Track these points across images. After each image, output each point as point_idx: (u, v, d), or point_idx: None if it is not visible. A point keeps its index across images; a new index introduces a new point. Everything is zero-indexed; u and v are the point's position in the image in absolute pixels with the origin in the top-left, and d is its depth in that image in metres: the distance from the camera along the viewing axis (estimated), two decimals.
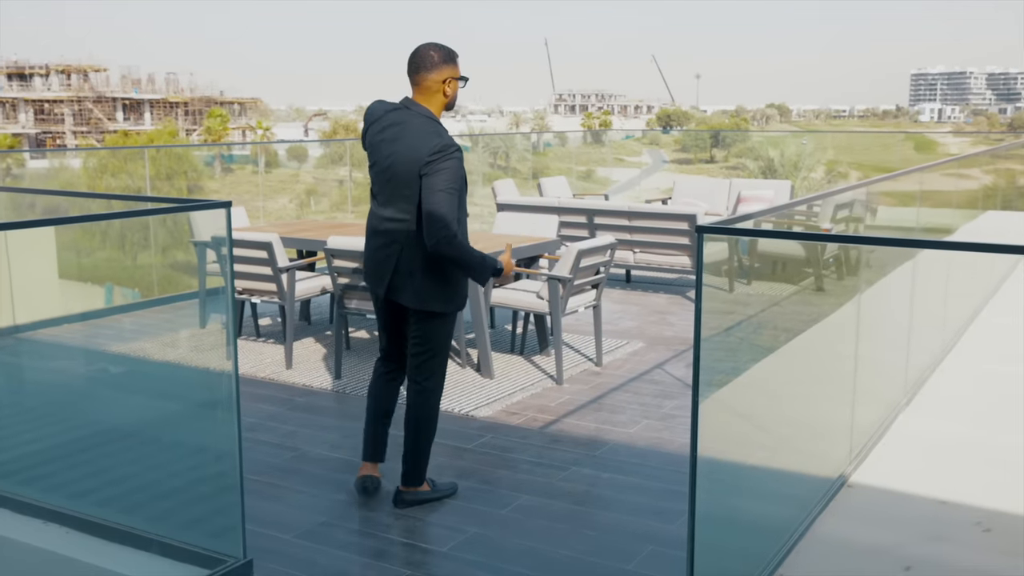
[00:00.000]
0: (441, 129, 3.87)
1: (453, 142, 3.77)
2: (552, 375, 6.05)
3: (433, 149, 3.72)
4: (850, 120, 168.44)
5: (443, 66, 3.83)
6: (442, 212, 3.68)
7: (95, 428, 4.47)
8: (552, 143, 34.57)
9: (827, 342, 4.58)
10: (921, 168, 6.02)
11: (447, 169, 3.71)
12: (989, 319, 7.52)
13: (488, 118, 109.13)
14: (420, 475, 4.14)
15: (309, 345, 6.72)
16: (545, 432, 5.08)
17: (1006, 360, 6.41)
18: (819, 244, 8.08)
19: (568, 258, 5.81)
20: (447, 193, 3.70)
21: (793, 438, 4.54)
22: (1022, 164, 11.31)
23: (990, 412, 5.39)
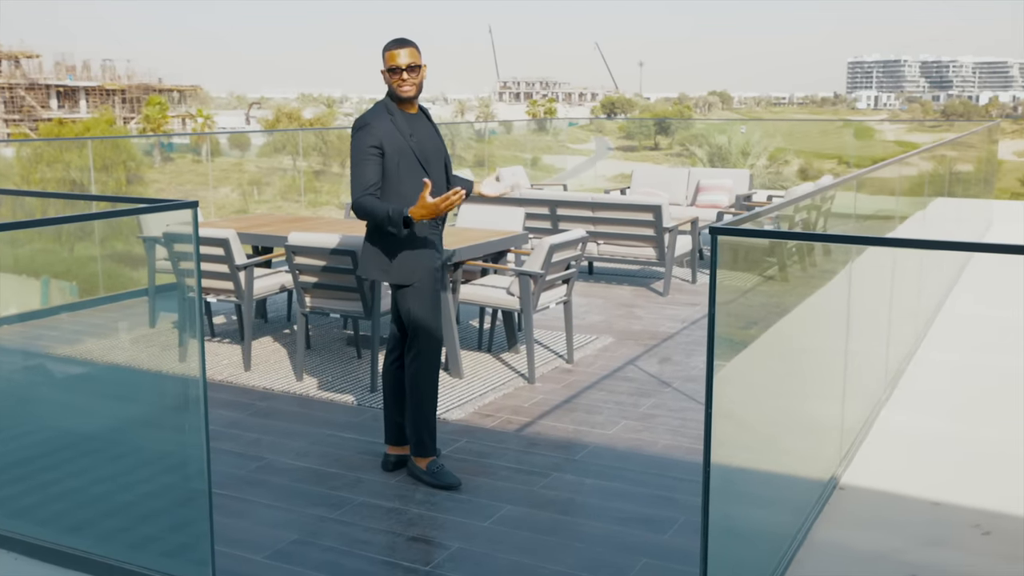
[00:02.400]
0: (369, 110, 4.22)
1: (362, 116, 4.17)
2: (523, 373, 5.84)
3: (351, 128, 4.19)
4: (790, 107, 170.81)
5: (383, 59, 4.20)
6: (352, 179, 4.09)
7: (37, 438, 4.15)
8: (497, 131, 34.35)
9: (807, 334, 4.44)
10: (905, 156, 5.91)
11: (352, 142, 4.14)
12: (956, 307, 7.49)
13: (432, 106, 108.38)
14: (423, 446, 4.27)
15: (267, 345, 6.42)
16: (522, 435, 4.88)
17: (979, 350, 6.37)
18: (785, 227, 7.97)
19: (539, 253, 5.60)
20: (354, 164, 4.09)
21: (780, 438, 4.41)
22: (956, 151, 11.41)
23: (969, 405, 5.32)
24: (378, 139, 4.06)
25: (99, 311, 6.82)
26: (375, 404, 5.27)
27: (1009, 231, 11.24)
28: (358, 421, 5.04)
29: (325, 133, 36.94)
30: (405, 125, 4.15)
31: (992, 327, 6.98)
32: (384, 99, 4.22)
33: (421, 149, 4.18)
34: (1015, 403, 5.30)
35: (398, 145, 4.10)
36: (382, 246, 4.16)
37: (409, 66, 4.11)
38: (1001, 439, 4.77)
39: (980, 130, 10.70)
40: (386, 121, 4.11)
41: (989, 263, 8.97)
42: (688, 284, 8.60)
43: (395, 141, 4.09)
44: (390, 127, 4.10)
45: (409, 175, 4.13)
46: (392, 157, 4.09)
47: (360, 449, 4.65)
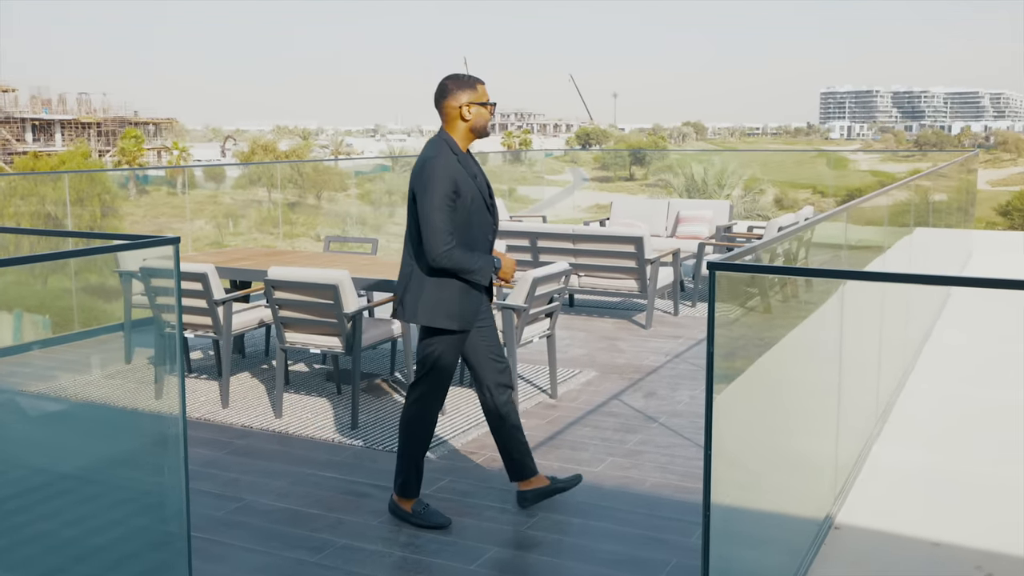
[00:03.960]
0: (432, 150, 3.97)
1: (428, 158, 3.92)
2: None
3: (416, 168, 3.97)
4: (764, 137, 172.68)
5: (456, 93, 3.98)
6: (430, 229, 3.85)
7: (6, 479, 4.00)
8: None
9: (797, 367, 4.37)
10: (889, 188, 5.90)
11: (422, 186, 3.88)
12: (943, 338, 7.47)
13: (408, 138, 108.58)
14: (408, 488, 4.16)
15: (245, 381, 6.28)
16: (506, 473, 4.76)
17: (967, 382, 6.33)
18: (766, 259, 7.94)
19: (522, 286, 5.52)
20: (433, 210, 3.84)
21: (774, 476, 4.32)
22: (931, 181, 11.50)
23: (959, 439, 5.26)
24: (455, 183, 3.89)
25: (73, 347, 6.66)
26: (355, 442, 5.15)
27: (989, 261, 11.29)
28: (339, 460, 4.91)
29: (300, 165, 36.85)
30: (468, 165, 4.01)
31: (979, 358, 6.96)
32: (444, 138, 3.99)
33: (484, 191, 4.07)
34: (1005, 437, 5.25)
35: (469, 188, 3.96)
36: (449, 293, 3.98)
37: None
38: (993, 475, 4.71)
39: (961, 160, 10.78)
40: (454, 162, 3.93)
41: (973, 294, 8.97)
42: (670, 316, 8.54)
43: (466, 183, 3.94)
44: (459, 168, 3.93)
45: (478, 218, 4.00)
46: (465, 202, 3.92)
47: (341, 489, 4.52)
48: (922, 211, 10.03)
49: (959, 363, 6.83)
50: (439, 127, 4.08)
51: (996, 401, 5.90)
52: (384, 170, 30.76)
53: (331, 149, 78.42)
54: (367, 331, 5.56)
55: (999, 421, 5.52)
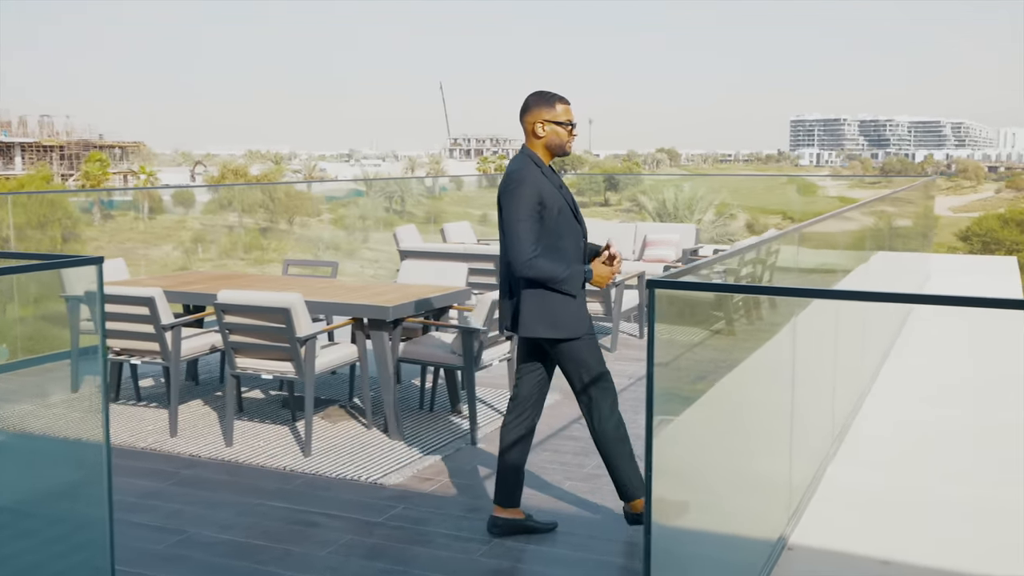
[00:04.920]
0: (517, 163, 4.01)
1: (514, 170, 3.97)
2: (466, 434, 5.65)
3: (502, 182, 3.99)
4: (736, 164, 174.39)
5: (533, 109, 4.03)
6: (514, 241, 3.88)
7: None
8: (448, 187, 34.36)
9: (753, 389, 4.32)
10: (844, 210, 5.90)
11: (508, 199, 3.91)
12: (901, 359, 7.47)
13: (383, 162, 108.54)
14: (624, 491, 4.17)
15: (196, 409, 6.15)
16: (461, 500, 4.67)
17: (923, 403, 6.33)
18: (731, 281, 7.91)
19: (482, 308, 5.45)
20: (517, 222, 3.87)
21: (728, 497, 4.27)
22: (894, 206, 11.62)
23: (914, 459, 5.23)
24: (540, 195, 3.92)
25: (17, 375, 6.49)
26: (308, 469, 5.03)
27: (946, 284, 11.37)
28: (290, 488, 4.79)
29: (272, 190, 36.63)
30: (553, 177, 4.05)
31: (935, 379, 6.96)
32: (526, 153, 4.05)
33: (571, 201, 4.10)
34: (957, 457, 5.24)
35: (555, 200, 3.98)
36: (548, 303, 3.99)
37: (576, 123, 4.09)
38: (947, 495, 4.68)
39: (917, 185, 10.87)
40: (539, 174, 3.97)
41: (929, 315, 9.02)
42: (635, 339, 8.50)
43: (553, 196, 3.97)
44: (544, 180, 3.97)
45: (567, 230, 4.03)
46: (552, 212, 3.95)
47: (290, 519, 4.40)
48: (882, 235, 10.10)
49: (915, 384, 6.83)
50: (521, 143, 4.18)
51: (949, 421, 5.90)
52: (358, 195, 30.59)
53: (304, 174, 78.16)
54: (323, 356, 5.47)
55: (952, 441, 5.51)
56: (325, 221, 35.41)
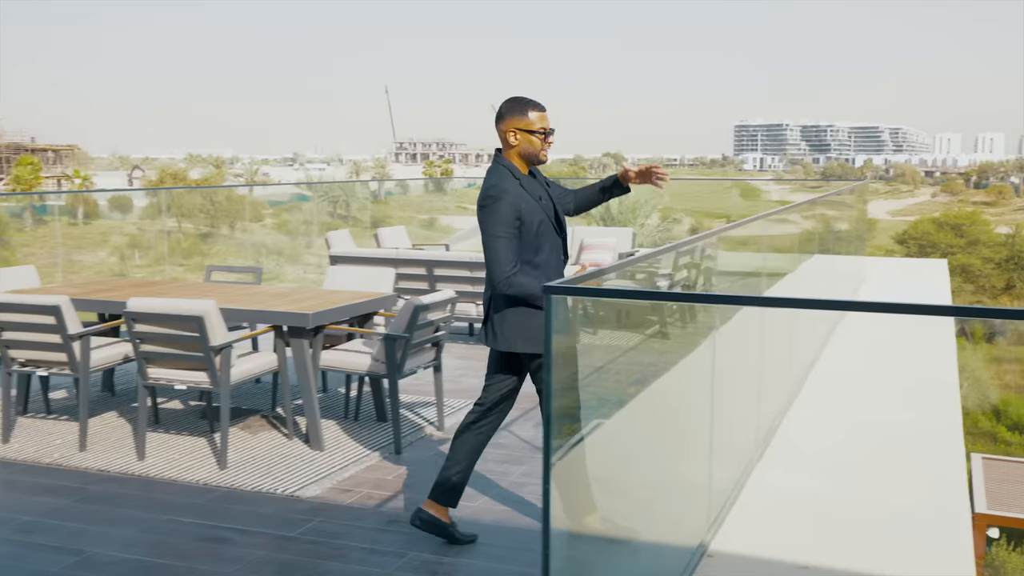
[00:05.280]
0: (492, 178, 3.90)
1: (491, 185, 3.86)
2: (390, 443, 5.52)
3: (479, 197, 3.87)
4: (681, 168, 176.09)
5: (506, 117, 3.94)
6: (492, 257, 3.81)
7: None
8: (393, 192, 34.11)
9: (678, 394, 4.28)
10: (762, 216, 5.90)
11: (486, 214, 3.82)
12: (830, 364, 7.52)
13: (327, 167, 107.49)
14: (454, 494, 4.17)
15: (110, 421, 5.93)
16: (381, 511, 4.55)
17: (850, 407, 6.36)
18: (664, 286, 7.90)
19: (404, 315, 5.34)
20: (495, 238, 3.80)
21: (649, 503, 4.21)
22: (835, 210, 11.76)
23: (839, 463, 5.23)
24: (518, 209, 3.81)
25: None
26: (223, 483, 4.87)
27: (879, 288, 11.52)
28: (202, 503, 4.62)
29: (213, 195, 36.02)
30: (532, 188, 3.93)
31: (864, 384, 7.01)
32: (501, 162, 3.94)
33: (551, 212, 3.98)
34: (884, 461, 5.25)
35: (534, 213, 3.87)
36: (527, 318, 3.91)
37: (550, 129, 3.97)
38: (869, 498, 4.68)
39: (847, 189, 10.99)
40: (517, 186, 3.87)
41: (861, 319, 9.11)
42: None
43: (532, 209, 3.86)
44: (522, 192, 3.86)
45: (547, 243, 3.93)
46: (530, 228, 3.85)
47: (198, 535, 4.24)
48: (822, 239, 10.20)
49: (842, 387, 6.86)
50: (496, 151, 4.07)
51: (874, 425, 5.92)
52: (302, 200, 30.17)
53: (246, 178, 77.10)
54: (240, 365, 5.30)
55: (876, 445, 5.53)
56: (268, 226, 34.88)
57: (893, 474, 5.04)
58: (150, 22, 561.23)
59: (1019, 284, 45.40)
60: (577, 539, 4.02)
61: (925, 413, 6.23)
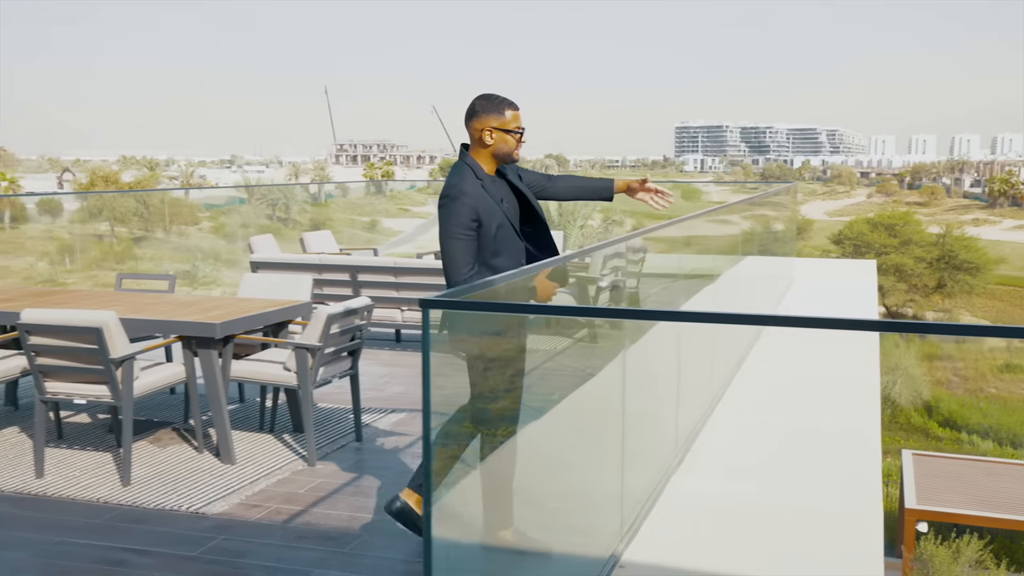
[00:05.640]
0: (455, 176, 3.81)
1: (451, 185, 3.75)
2: (303, 456, 5.38)
3: (440, 196, 3.78)
4: (623, 170, 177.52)
5: (481, 115, 3.84)
6: (447, 259, 3.74)
7: None
8: (334, 194, 33.71)
9: (593, 402, 4.22)
10: (688, 218, 5.86)
11: (444, 214, 3.73)
12: (755, 365, 7.54)
13: (266, 169, 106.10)
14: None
15: (10, 437, 5.69)
16: (289, 527, 4.41)
17: (771, 410, 6.36)
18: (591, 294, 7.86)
19: (316, 324, 5.20)
20: (449, 239, 3.72)
21: (561, 514, 4.14)
22: (774, 211, 11.87)
23: (756, 469, 5.20)
24: (476, 211, 3.71)
25: None
26: (124, 500, 4.68)
27: (807, 289, 11.63)
28: (99, 523, 4.43)
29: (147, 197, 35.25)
30: (494, 189, 3.83)
31: (785, 386, 7.03)
32: (466, 160, 3.85)
33: (512, 214, 3.87)
34: (801, 465, 5.25)
35: (494, 214, 3.77)
36: None
37: (524, 128, 3.89)
38: (784, 503, 4.67)
39: (773, 192, 11.08)
40: (478, 187, 3.77)
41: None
42: None
43: (491, 210, 3.76)
44: (483, 194, 3.76)
45: (505, 247, 3.81)
46: (489, 230, 3.74)
47: (93, 557, 4.06)
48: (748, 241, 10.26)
49: (766, 391, 6.87)
50: (461, 146, 3.98)
51: (793, 429, 5.93)
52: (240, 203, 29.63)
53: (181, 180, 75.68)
54: (144, 377, 5.12)
55: (795, 449, 5.53)
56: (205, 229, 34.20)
57: (809, 478, 5.04)
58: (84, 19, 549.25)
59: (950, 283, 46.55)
60: (489, 552, 3.94)
61: (845, 415, 6.27)
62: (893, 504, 19.00)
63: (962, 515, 15.09)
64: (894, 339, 44.82)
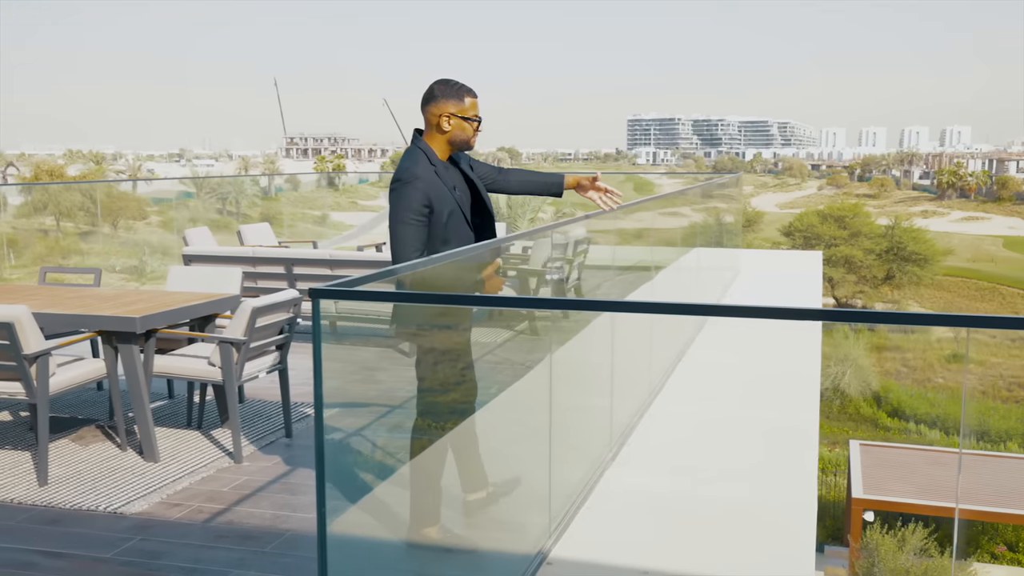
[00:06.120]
0: (407, 160, 3.75)
1: (404, 168, 3.69)
2: (229, 453, 5.23)
3: (391, 180, 3.73)
4: (576, 163, 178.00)
5: (440, 100, 3.77)
6: (396, 244, 3.66)
7: None
8: (284, 188, 33.30)
9: (527, 395, 4.14)
10: (628, 205, 5.75)
11: (395, 198, 3.68)
12: (697, 356, 7.50)
13: (215, 163, 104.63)
14: None
15: None
16: (209, 527, 4.27)
17: (708, 400, 6.33)
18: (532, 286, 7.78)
19: (241, 318, 5.05)
20: (399, 223, 3.65)
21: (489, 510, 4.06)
22: (725, 203, 11.90)
23: (691, 462, 5.13)
24: (427, 196, 3.65)
25: None
26: (40, 501, 4.50)
27: (752, 281, 11.67)
28: (12, 524, 4.26)
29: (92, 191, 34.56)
30: (448, 177, 3.77)
31: (724, 379, 6.99)
32: (419, 145, 3.78)
33: (464, 202, 3.81)
34: (737, 459, 5.21)
35: (446, 201, 3.71)
36: None
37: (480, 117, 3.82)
38: (718, 497, 4.61)
39: (715, 183, 11.08)
40: (431, 173, 3.71)
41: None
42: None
43: (443, 197, 3.70)
44: (436, 180, 3.70)
45: (456, 235, 3.75)
46: (439, 217, 3.68)
47: (3, 561, 3.89)
48: (695, 233, 10.25)
49: (704, 383, 6.83)
50: (414, 132, 3.90)
51: (731, 422, 5.90)
52: (188, 197, 29.17)
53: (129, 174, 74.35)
54: (61, 373, 4.93)
55: (732, 442, 5.49)
56: (153, 224, 33.61)
57: (745, 471, 4.99)
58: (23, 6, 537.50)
59: (898, 274, 47.27)
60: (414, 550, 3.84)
61: (784, 407, 6.24)
62: (840, 494, 19.25)
63: (908, 504, 15.33)
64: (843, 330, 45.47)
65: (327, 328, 4.48)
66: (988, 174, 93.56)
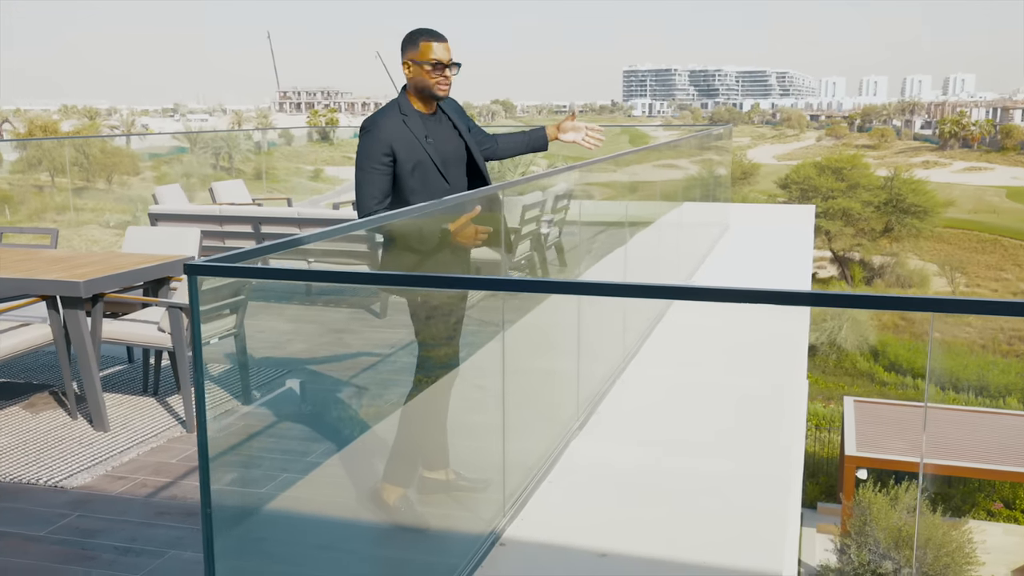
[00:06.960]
0: (382, 109, 3.71)
1: (372, 117, 3.67)
2: (183, 422, 5.03)
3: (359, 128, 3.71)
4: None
5: (403, 49, 3.71)
6: (358, 190, 3.65)
7: None
8: (277, 142, 32.90)
9: (486, 361, 3.92)
10: (596, 161, 5.51)
11: (359, 146, 3.66)
12: (676, 318, 7.23)
13: (209, 117, 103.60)
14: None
15: None
16: (152, 502, 4.08)
17: (686, 366, 6.09)
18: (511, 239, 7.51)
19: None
20: (359, 170, 3.65)
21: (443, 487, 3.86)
22: (719, 155, 11.60)
23: (660, 434, 4.87)
24: (388, 144, 3.60)
25: None
26: None
27: (742, 236, 11.41)
28: None
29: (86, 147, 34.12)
30: (420, 126, 3.68)
31: (705, 343, 6.71)
32: (398, 98, 3.73)
33: (439, 153, 3.70)
34: (712, 429, 4.98)
35: (412, 150, 3.64)
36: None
37: (451, 62, 3.67)
38: (686, 472, 4.38)
39: (703, 134, 10.76)
40: (398, 122, 3.65)
41: (714, 274, 8.92)
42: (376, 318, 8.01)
43: (408, 145, 3.63)
44: (402, 129, 3.64)
45: (424, 185, 3.67)
46: (405, 164, 3.61)
47: None
48: (697, 184, 9.96)
49: (687, 349, 6.57)
50: None
51: (712, 387, 5.65)
52: (182, 151, 28.80)
53: (123, 130, 73.63)
54: (5, 339, 4.72)
55: (715, 410, 5.25)
56: (147, 179, 33.21)
57: (716, 444, 4.74)
58: None
59: (897, 227, 46.81)
60: (358, 529, 3.66)
61: (769, 374, 5.95)
62: (834, 450, 19.15)
63: (901, 462, 15.22)
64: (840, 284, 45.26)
65: (302, 288, 4.29)
66: (992, 123, 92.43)
